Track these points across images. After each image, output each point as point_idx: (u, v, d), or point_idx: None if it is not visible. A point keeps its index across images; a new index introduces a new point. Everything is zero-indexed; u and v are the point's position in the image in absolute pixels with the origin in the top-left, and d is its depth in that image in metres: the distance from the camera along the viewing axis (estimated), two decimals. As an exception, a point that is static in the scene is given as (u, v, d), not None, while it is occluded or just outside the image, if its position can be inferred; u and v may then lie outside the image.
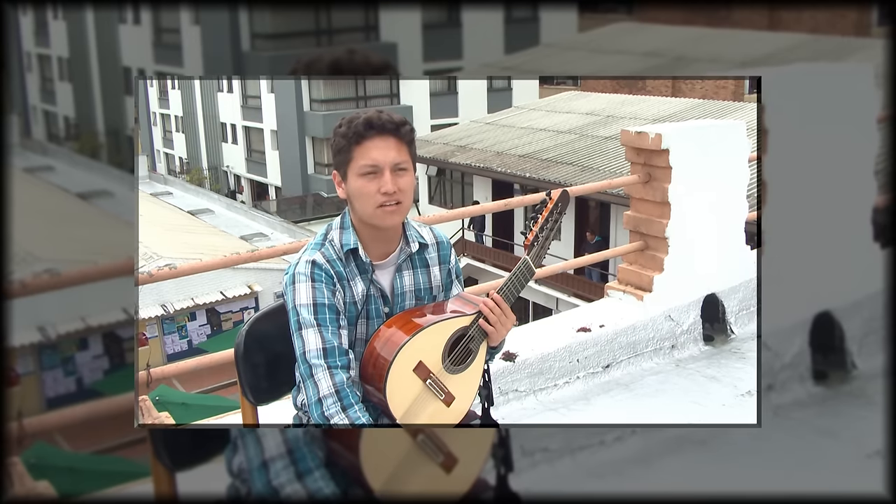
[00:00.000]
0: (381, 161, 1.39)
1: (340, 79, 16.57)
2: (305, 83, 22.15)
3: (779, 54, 11.43)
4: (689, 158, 3.07)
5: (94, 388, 9.51)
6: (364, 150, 1.39)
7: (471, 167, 15.50)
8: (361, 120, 1.40)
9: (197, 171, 26.54)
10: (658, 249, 3.15)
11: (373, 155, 1.39)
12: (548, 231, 1.51)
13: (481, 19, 18.57)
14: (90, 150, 22.09)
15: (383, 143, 1.39)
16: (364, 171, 1.40)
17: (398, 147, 1.40)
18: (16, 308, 2.68)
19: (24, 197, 10.02)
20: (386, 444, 1.33)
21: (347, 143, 1.40)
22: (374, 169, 1.39)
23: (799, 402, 2.56)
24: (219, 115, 26.61)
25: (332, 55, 1.37)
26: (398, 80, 21.73)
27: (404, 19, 18.23)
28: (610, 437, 2.35)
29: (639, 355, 3.01)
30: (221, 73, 19.13)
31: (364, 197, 1.41)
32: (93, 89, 24.02)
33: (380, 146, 1.39)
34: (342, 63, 1.37)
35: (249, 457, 1.37)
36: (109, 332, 9.83)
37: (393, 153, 1.39)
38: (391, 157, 1.39)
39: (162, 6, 20.26)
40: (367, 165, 1.39)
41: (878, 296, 2.66)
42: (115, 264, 2.09)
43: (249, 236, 16.08)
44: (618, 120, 15.64)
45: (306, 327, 1.39)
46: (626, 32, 14.58)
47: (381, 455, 1.32)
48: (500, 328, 1.46)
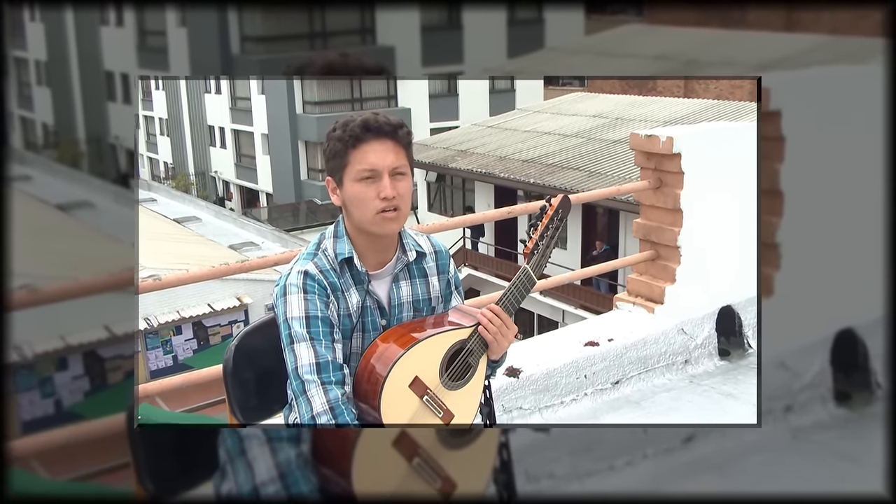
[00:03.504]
0: (379, 165, 1.40)
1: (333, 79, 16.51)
2: (298, 84, 22.26)
3: (796, 57, 11.49)
4: (703, 163, 3.09)
5: (74, 410, 9.47)
6: (361, 154, 1.40)
7: (472, 173, 15.55)
8: (358, 122, 1.40)
9: (183, 177, 26.61)
10: (670, 259, 3.16)
11: (370, 159, 1.40)
12: (548, 239, 1.52)
13: (483, 21, 18.70)
14: (70, 158, 22.17)
15: (381, 146, 1.40)
16: (361, 175, 1.40)
17: (396, 150, 1.41)
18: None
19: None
20: (381, 469, 1.33)
21: (343, 147, 1.41)
22: (372, 174, 1.40)
23: (820, 425, 2.54)
24: (206, 117, 26.72)
25: (325, 59, 1.39)
26: (395, 81, 21.82)
27: (402, 21, 18.35)
28: (620, 461, 2.34)
29: (650, 371, 3.01)
30: (209, 76, 19.24)
31: (362, 203, 1.41)
32: (73, 95, 24.14)
33: (377, 150, 1.40)
34: (336, 66, 1.40)
35: (240, 482, 1.37)
36: (90, 352, 9.80)
37: (391, 157, 1.40)
38: (389, 161, 1.40)
39: (146, 7, 20.39)
40: (364, 170, 1.40)
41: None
42: (115, 277, 2.10)
43: (239, 246, 16.09)
44: (627, 122, 15.70)
45: (298, 341, 1.40)
46: (636, 35, 14.66)
47: (375, 480, 1.32)
48: (501, 339, 1.47)
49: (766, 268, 2.64)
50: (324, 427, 1.36)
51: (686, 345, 3.11)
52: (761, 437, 2.54)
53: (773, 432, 2.52)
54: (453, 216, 15.20)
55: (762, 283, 2.63)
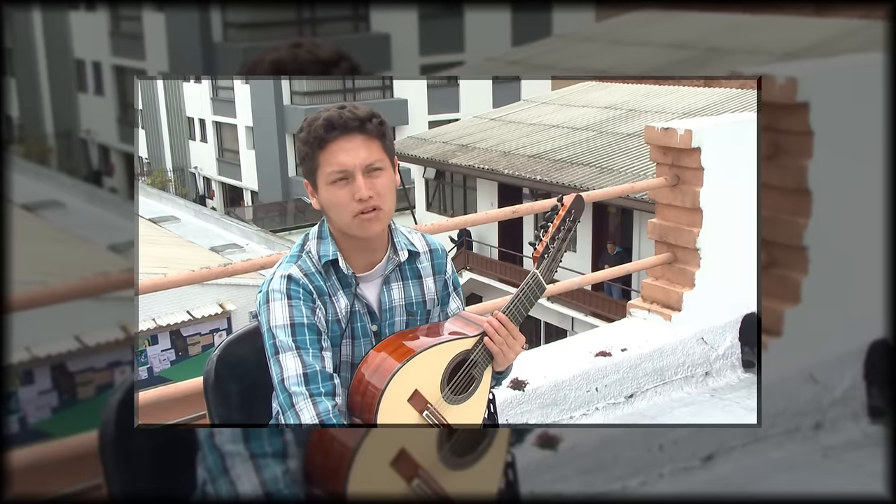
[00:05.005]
0: (349, 164, 1.39)
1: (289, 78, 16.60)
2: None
3: (827, 43, 11.50)
4: (725, 158, 3.09)
5: (41, 428, 9.45)
6: (329, 155, 1.39)
7: (474, 169, 15.57)
8: (321, 121, 1.39)
9: (160, 173, 26.63)
10: (688, 262, 3.16)
11: (339, 159, 1.39)
12: (560, 241, 1.52)
13: (485, 6, 18.73)
14: (37, 154, 22.18)
15: (349, 143, 1.39)
16: (332, 178, 1.40)
17: (368, 145, 1.40)
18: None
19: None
20: (378, 490, 1.33)
21: (310, 150, 1.40)
22: (344, 174, 1.39)
23: (852, 443, 2.55)
24: (185, 108, 26.72)
25: (275, 55, 1.33)
26: (391, 69, 21.85)
27: (398, 7, 18.40)
28: (634, 481, 2.34)
29: (667, 384, 3.01)
30: (189, 65, 19.27)
31: (337, 207, 1.41)
32: (40, 85, 24.15)
33: (346, 148, 1.39)
34: (284, 62, 1.33)
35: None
36: (59, 364, 9.79)
37: (363, 153, 1.39)
38: (361, 158, 1.39)
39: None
40: (334, 172, 1.40)
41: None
42: (113, 278, 2.10)
43: (221, 248, 16.10)
44: (641, 114, 15.73)
45: (284, 351, 1.40)
46: (651, 21, 14.67)
47: (371, 502, 1.32)
48: (507, 351, 1.47)
49: (793, 273, 2.64)
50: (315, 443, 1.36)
51: (706, 355, 3.11)
52: (788, 456, 2.55)
53: (801, 451, 2.52)
54: (453, 216, 15.21)
55: (789, 290, 2.63)
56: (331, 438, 1.35)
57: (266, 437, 1.42)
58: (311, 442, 1.38)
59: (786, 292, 2.63)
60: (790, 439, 2.65)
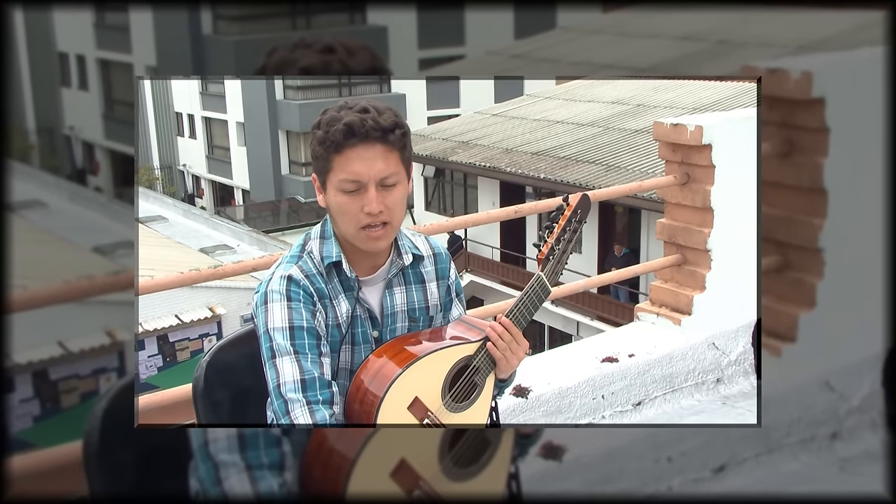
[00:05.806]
0: (364, 175, 1.39)
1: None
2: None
3: (845, 35, 11.48)
4: (737, 155, 3.09)
5: (22, 438, 9.45)
6: (344, 161, 1.39)
7: (475, 167, 15.59)
8: (341, 125, 1.38)
9: (147, 171, 26.61)
10: (698, 264, 3.17)
11: (355, 168, 1.38)
12: (565, 243, 1.53)
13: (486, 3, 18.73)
14: (19, 152, 22.16)
15: (368, 152, 1.38)
16: (344, 186, 1.40)
17: (386, 156, 1.39)
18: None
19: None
20: (377, 502, 1.34)
21: (325, 152, 1.40)
22: (357, 185, 1.39)
23: (870, 454, 2.55)
24: (173, 103, 26.71)
25: (306, 61, 1.34)
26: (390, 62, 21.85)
27: (396, 6, 18.39)
28: (641, 494, 2.34)
29: (676, 391, 3.01)
30: (177, 59, 19.27)
31: (345, 215, 1.41)
32: (21, 79, 24.11)
33: (364, 157, 1.38)
34: (315, 70, 1.35)
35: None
36: (41, 371, 9.79)
37: (380, 164, 1.39)
38: (377, 170, 1.39)
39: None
40: (347, 181, 1.39)
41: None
42: (99, 281, 2.11)
43: (211, 249, 16.12)
44: (650, 109, 15.75)
45: (281, 355, 1.40)
46: (661, 12, 14.68)
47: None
48: (511, 357, 1.47)
49: (809, 276, 2.64)
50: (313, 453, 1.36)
51: (718, 361, 3.11)
52: (804, 468, 2.55)
53: (817, 462, 2.52)
54: (453, 216, 15.22)
55: (804, 294, 2.63)
56: (329, 449, 1.35)
57: (263, 448, 1.42)
58: (308, 452, 1.38)
59: (801, 296, 2.64)
60: (805, 450, 2.65)
